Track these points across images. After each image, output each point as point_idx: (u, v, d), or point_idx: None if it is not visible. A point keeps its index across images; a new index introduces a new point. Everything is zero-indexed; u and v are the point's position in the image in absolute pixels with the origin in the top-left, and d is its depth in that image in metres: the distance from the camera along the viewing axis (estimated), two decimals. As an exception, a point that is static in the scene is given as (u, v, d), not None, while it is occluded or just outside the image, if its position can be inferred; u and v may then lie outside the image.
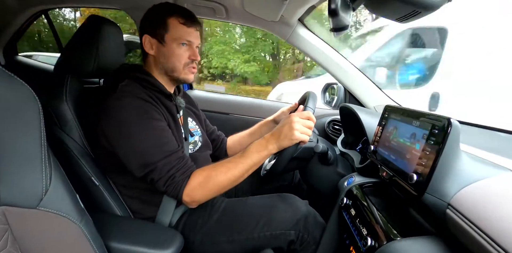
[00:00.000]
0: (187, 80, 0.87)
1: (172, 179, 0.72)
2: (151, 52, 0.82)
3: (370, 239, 0.58)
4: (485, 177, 0.51)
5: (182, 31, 0.80)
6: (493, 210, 0.42)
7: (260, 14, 1.21)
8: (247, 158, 0.75)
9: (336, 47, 1.29)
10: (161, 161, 0.71)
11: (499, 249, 0.37)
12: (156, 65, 0.84)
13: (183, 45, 0.81)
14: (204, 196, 0.75)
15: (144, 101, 0.75)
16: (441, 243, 0.51)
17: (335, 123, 1.40)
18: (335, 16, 0.53)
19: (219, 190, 0.75)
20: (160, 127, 0.75)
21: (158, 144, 0.73)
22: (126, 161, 0.73)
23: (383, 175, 0.69)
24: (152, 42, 0.81)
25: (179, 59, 0.82)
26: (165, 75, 0.85)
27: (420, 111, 0.63)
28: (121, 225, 0.74)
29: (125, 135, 0.71)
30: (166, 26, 0.79)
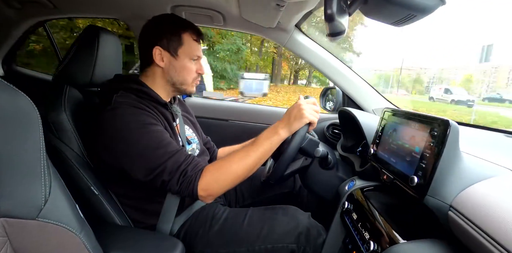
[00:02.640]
0: (192, 92, 0.89)
1: (184, 175, 0.70)
2: (161, 64, 0.82)
3: (373, 243, 0.57)
4: (485, 178, 0.51)
5: (194, 47, 0.83)
6: (495, 211, 0.42)
7: (257, 21, 1.23)
8: (258, 146, 0.74)
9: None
10: (169, 160, 0.70)
11: (502, 250, 0.37)
12: (162, 76, 0.84)
13: (194, 60, 0.84)
14: (219, 189, 0.73)
15: (139, 109, 0.75)
16: (444, 246, 0.50)
17: (335, 127, 1.40)
18: (331, 22, 0.54)
19: (233, 181, 0.73)
20: (159, 130, 0.75)
21: (162, 145, 0.72)
22: (132, 169, 0.71)
23: (384, 178, 0.69)
24: (163, 55, 0.81)
25: (189, 73, 0.84)
26: (171, 86, 0.86)
27: (418, 114, 0.63)
28: (121, 235, 0.74)
29: (126, 143, 0.71)
30: (180, 40, 0.81)
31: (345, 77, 1.30)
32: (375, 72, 28.26)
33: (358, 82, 1.30)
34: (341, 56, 16.20)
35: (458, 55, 42.93)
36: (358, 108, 1.32)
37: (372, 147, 0.80)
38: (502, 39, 53.76)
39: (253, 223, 0.82)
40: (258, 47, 16.48)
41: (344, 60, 1.31)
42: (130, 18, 1.33)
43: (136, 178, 0.72)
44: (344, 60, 3.34)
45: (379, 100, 1.29)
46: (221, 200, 1.04)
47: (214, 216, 0.85)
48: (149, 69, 0.84)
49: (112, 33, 0.87)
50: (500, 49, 36.50)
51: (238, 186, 1.13)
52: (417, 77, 30.43)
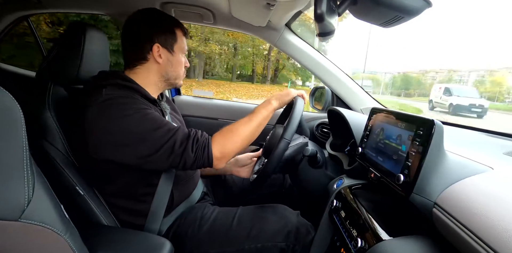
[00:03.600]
0: (180, 85, 0.93)
1: (196, 141, 0.73)
2: (159, 61, 0.81)
3: (360, 240, 0.58)
4: (468, 176, 0.52)
5: (184, 41, 0.87)
6: (477, 208, 0.44)
7: (247, 20, 1.22)
8: (257, 113, 0.85)
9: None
10: (176, 133, 0.72)
11: (484, 246, 0.38)
12: (157, 72, 0.83)
13: (183, 54, 0.87)
14: (232, 149, 0.78)
15: (132, 99, 0.74)
16: (429, 242, 0.52)
17: (324, 126, 1.42)
18: (321, 21, 0.54)
19: (242, 142, 0.80)
20: (156, 114, 0.75)
21: (163, 124, 0.72)
22: (136, 152, 0.69)
23: (371, 176, 0.71)
24: (161, 51, 0.81)
25: (181, 67, 0.88)
26: (164, 82, 0.86)
27: (405, 113, 0.64)
28: (108, 235, 0.72)
29: (126, 130, 0.68)
30: (175, 36, 0.83)
31: (334, 77, 1.31)
32: (395, 74, 27.29)
33: (347, 82, 1.31)
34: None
35: (494, 55, 40.94)
36: (347, 107, 1.34)
37: (360, 145, 0.81)
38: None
39: (243, 222, 0.82)
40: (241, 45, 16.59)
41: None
42: (118, 14, 1.30)
43: (143, 163, 0.69)
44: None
45: (367, 100, 1.31)
46: (211, 199, 1.04)
47: (203, 216, 0.85)
48: (141, 66, 0.82)
49: (99, 29, 0.84)
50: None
51: (227, 186, 1.13)
52: (442, 79, 28.13)
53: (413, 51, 40.72)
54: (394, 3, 0.51)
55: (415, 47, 41.15)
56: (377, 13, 0.56)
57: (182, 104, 1.61)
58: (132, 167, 0.71)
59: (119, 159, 0.69)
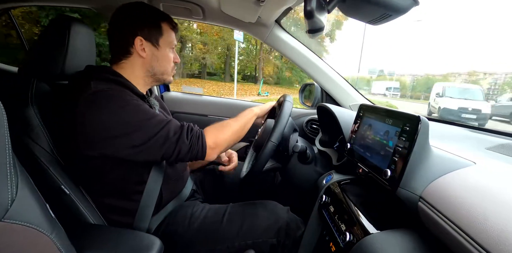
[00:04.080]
0: (170, 82, 0.91)
1: (190, 131, 0.75)
2: (143, 54, 0.79)
3: (349, 234, 0.60)
4: (452, 170, 0.54)
5: (172, 36, 0.84)
6: (461, 201, 0.45)
7: (237, 15, 1.21)
8: (243, 115, 0.92)
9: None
10: (169, 123, 0.73)
11: (466, 238, 0.40)
12: (142, 67, 0.81)
13: (171, 49, 0.85)
14: (224, 140, 0.81)
15: (121, 92, 0.72)
16: (415, 235, 0.53)
17: (313, 122, 1.43)
18: (310, 18, 0.55)
19: (232, 136, 0.83)
20: (147, 107, 0.74)
21: (156, 115, 0.73)
22: (129, 145, 0.68)
23: (359, 172, 0.72)
24: (145, 45, 0.79)
25: (169, 63, 0.85)
26: (151, 77, 0.84)
27: (392, 110, 0.66)
28: (96, 234, 0.71)
29: (121, 119, 0.67)
30: (161, 30, 0.81)
31: (323, 73, 1.32)
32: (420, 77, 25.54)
33: (336, 78, 1.33)
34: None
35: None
36: (336, 104, 1.35)
37: (349, 141, 0.83)
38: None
39: (233, 219, 0.83)
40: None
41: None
42: (105, 9, 1.27)
43: (134, 151, 0.69)
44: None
45: (356, 96, 1.33)
46: (200, 197, 1.04)
47: (193, 214, 0.85)
48: (126, 61, 0.80)
49: (84, 23, 0.82)
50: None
51: (218, 183, 1.13)
52: (475, 82, 25.44)
53: (440, 52, 39.56)
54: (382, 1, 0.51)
55: (442, 48, 40.12)
56: (365, 11, 0.57)
57: (171, 101, 1.59)
58: (124, 159, 0.70)
59: (112, 151, 0.68)
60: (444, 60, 40.66)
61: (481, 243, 0.38)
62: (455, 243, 0.42)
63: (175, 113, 1.56)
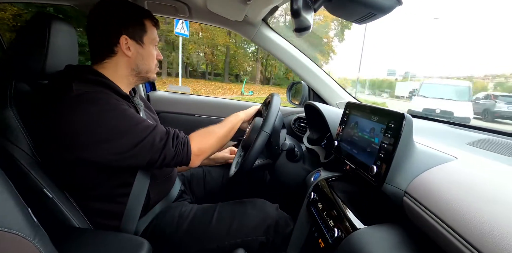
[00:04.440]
0: (154, 79, 0.90)
1: (176, 137, 0.75)
2: (128, 53, 0.78)
3: (337, 230, 0.61)
4: (435, 165, 0.56)
5: (155, 33, 0.83)
6: (444, 195, 0.47)
7: (224, 14, 1.20)
8: (228, 120, 0.92)
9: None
10: (155, 130, 0.72)
11: (450, 230, 0.41)
12: (127, 66, 0.80)
13: (154, 46, 0.84)
14: (209, 147, 0.81)
15: (105, 94, 0.70)
16: (401, 228, 0.55)
17: (301, 121, 1.44)
18: (297, 17, 0.55)
19: (217, 142, 0.84)
20: (132, 111, 0.73)
21: (141, 120, 0.72)
22: (113, 152, 0.66)
23: (347, 168, 0.73)
24: (130, 44, 0.77)
25: (153, 60, 0.84)
26: (135, 76, 0.83)
27: (377, 108, 0.67)
28: (81, 238, 0.69)
29: (104, 124, 0.65)
30: (144, 28, 0.79)
31: (311, 72, 1.33)
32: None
33: (323, 77, 1.34)
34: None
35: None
36: (323, 102, 1.37)
37: (336, 139, 0.84)
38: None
39: (222, 219, 0.82)
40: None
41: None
42: (85, 5, 1.23)
43: (118, 158, 0.67)
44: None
45: (342, 94, 1.35)
46: (189, 197, 1.03)
47: (182, 215, 0.84)
48: (110, 60, 0.78)
49: (65, 21, 0.79)
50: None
51: (206, 183, 1.12)
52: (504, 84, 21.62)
53: (462, 51, 35.85)
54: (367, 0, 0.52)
55: (464, 47, 36.05)
56: (351, 10, 0.58)
57: (157, 100, 1.57)
58: (108, 164, 0.68)
59: (94, 157, 0.66)
60: (468, 60, 37.38)
61: (463, 235, 0.39)
62: (438, 236, 0.44)
63: (161, 113, 1.53)
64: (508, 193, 0.43)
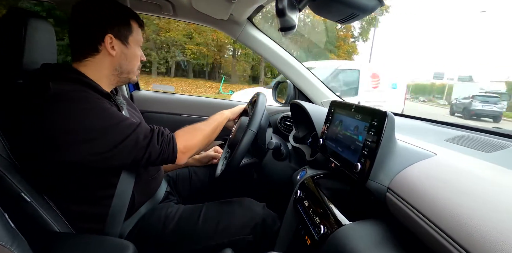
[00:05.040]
0: (135, 81, 0.89)
1: (161, 134, 0.74)
2: (112, 52, 0.75)
3: (323, 227, 0.62)
4: (416, 161, 0.58)
5: (140, 34, 0.83)
6: (424, 190, 0.49)
7: (208, 12, 1.19)
8: (214, 119, 0.92)
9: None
10: (139, 127, 0.70)
11: (430, 224, 0.43)
12: (110, 66, 0.77)
13: (139, 47, 0.83)
14: (195, 144, 0.80)
15: (84, 93, 0.68)
16: (384, 224, 0.57)
17: (287, 119, 1.45)
18: (282, 16, 0.55)
19: (203, 139, 0.83)
20: (114, 110, 0.71)
21: (124, 118, 0.70)
22: (94, 152, 0.64)
23: (332, 166, 0.75)
24: (114, 43, 0.75)
25: (137, 61, 0.83)
26: (117, 76, 0.80)
27: (361, 106, 0.69)
28: (63, 243, 0.67)
29: (83, 125, 0.63)
30: (130, 28, 0.79)
31: (296, 71, 1.35)
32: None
33: (308, 76, 1.36)
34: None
35: None
36: (308, 101, 1.39)
37: (321, 137, 0.85)
38: None
39: (209, 219, 0.82)
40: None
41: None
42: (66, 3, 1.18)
43: (99, 158, 0.65)
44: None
45: (327, 93, 1.37)
46: (175, 198, 1.01)
47: (168, 216, 0.82)
48: (92, 59, 0.75)
49: (43, 17, 0.76)
50: None
51: (193, 183, 1.11)
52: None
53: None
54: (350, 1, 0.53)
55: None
56: (334, 10, 0.59)
57: (141, 100, 1.54)
58: (89, 165, 0.66)
59: (75, 157, 0.64)
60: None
61: (443, 229, 0.41)
62: (420, 230, 0.46)
63: (146, 113, 1.50)
64: (484, 187, 0.45)
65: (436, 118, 1.11)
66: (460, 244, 0.37)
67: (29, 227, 0.68)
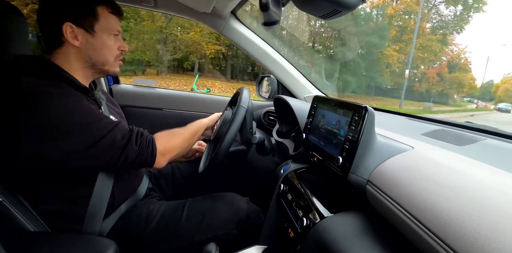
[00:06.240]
0: (115, 73, 0.82)
1: (140, 135, 0.72)
2: (75, 43, 0.71)
3: (306, 220, 0.63)
4: (394, 155, 0.60)
5: (113, 21, 0.75)
6: (402, 182, 0.51)
7: (191, 5, 1.17)
8: (192, 125, 0.92)
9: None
10: (117, 127, 0.68)
11: (407, 214, 0.45)
12: (78, 57, 0.73)
13: (113, 36, 0.76)
14: (174, 146, 0.80)
15: (59, 88, 0.65)
16: (364, 215, 0.59)
17: (270, 114, 1.46)
18: (266, 10, 0.55)
19: (183, 141, 0.83)
20: (92, 107, 0.69)
21: (102, 117, 0.68)
22: (67, 151, 0.62)
23: (314, 160, 0.76)
24: (77, 32, 0.70)
25: (110, 51, 0.77)
26: (90, 68, 0.76)
27: (343, 101, 0.70)
28: (39, 242, 0.64)
29: (56, 122, 0.61)
30: (96, 15, 0.72)
31: (279, 66, 1.35)
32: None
33: (292, 71, 1.37)
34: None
35: None
36: (291, 96, 1.40)
37: (304, 131, 0.86)
38: None
39: (192, 215, 0.81)
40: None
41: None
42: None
43: (72, 158, 0.63)
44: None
45: (310, 88, 1.38)
46: (157, 195, 1.00)
47: (150, 213, 0.81)
48: (59, 50, 0.72)
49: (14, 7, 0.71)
50: None
51: (176, 179, 1.10)
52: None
53: None
54: (332, -3, 0.54)
55: None
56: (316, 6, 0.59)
57: (121, 94, 1.49)
58: (62, 165, 0.64)
59: (48, 156, 0.61)
60: None
61: (418, 218, 0.43)
62: (397, 220, 0.48)
63: (126, 107, 1.46)
64: (458, 178, 0.47)
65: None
66: (436, 234, 0.39)
67: (3, 227, 0.65)
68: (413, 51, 15.13)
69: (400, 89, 15.94)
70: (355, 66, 15.07)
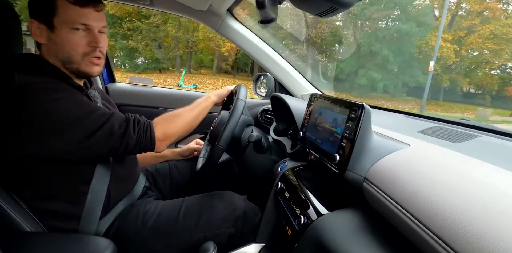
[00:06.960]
0: (90, 74, 0.74)
1: (137, 123, 0.71)
2: (41, 40, 0.68)
3: (303, 217, 0.63)
4: (390, 152, 0.60)
5: (73, 13, 0.67)
6: (398, 179, 0.51)
7: (187, 3, 1.16)
8: (198, 104, 0.89)
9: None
10: (112, 116, 0.67)
11: (404, 212, 0.45)
12: (52, 55, 0.71)
13: (78, 30, 0.68)
14: (174, 131, 0.77)
15: (53, 84, 0.65)
16: (361, 212, 0.59)
17: (267, 112, 1.46)
18: (262, 8, 0.55)
19: (184, 126, 0.80)
20: (86, 99, 0.68)
21: (97, 108, 0.67)
22: (67, 143, 0.62)
23: (311, 158, 0.76)
24: (41, 28, 0.68)
25: (74, 48, 0.69)
26: (65, 68, 0.73)
27: (339, 99, 0.70)
28: (35, 242, 0.63)
29: (53, 116, 0.60)
30: (53, 8, 0.66)
31: (276, 64, 1.35)
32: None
33: (289, 69, 1.36)
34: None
35: None
36: (288, 94, 1.40)
37: (301, 129, 0.86)
38: None
39: (189, 214, 0.81)
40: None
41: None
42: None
43: (73, 149, 0.62)
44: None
45: (307, 86, 1.39)
46: (154, 194, 0.99)
47: (146, 212, 0.80)
48: (40, 50, 0.71)
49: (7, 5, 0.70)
50: None
51: (173, 178, 1.10)
52: None
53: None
54: (329, -6, 0.54)
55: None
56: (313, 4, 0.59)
57: (117, 93, 1.48)
58: (62, 159, 0.64)
59: (46, 150, 0.61)
60: None
61: (415, 215, 0.43)
62: (394, 217, 0.48)
63: (122, 106, 1.45)
64: (453, 175, 0.48)
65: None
66: (432, 230, 0.40)
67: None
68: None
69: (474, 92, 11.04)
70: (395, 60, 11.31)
